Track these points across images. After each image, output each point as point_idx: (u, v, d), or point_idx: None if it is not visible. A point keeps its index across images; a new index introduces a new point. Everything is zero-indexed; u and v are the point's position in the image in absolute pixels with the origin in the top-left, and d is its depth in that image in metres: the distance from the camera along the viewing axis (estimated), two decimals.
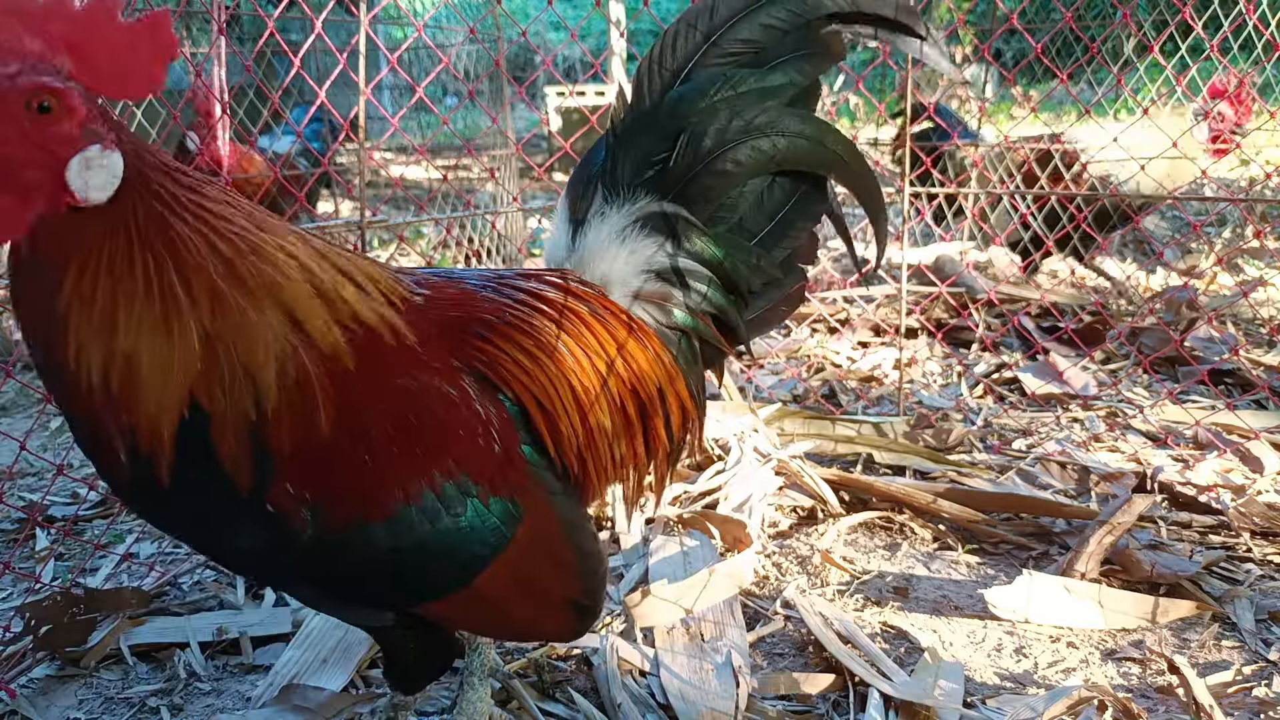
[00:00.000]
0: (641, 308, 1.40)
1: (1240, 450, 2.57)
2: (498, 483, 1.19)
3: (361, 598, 1.21)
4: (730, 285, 1.43)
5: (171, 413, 1.03)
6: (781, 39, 1.34)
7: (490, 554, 1.19)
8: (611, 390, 1.33)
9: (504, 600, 1.25)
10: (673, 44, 1.34)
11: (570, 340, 1.30)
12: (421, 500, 1.13)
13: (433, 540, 1.14)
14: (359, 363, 1.11)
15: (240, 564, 1.25)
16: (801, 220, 1.45)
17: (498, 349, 1.24)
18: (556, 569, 1.29)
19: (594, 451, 1.32)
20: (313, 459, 1.07)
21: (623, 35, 9.05)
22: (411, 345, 1.17)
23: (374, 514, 1.11)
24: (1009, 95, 8.72)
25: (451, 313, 1.24)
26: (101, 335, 1.00)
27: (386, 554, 1.13)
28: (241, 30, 6.42)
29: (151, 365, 1.01)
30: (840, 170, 1.44)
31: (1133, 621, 1.89)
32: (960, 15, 7.53)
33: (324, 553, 1.11)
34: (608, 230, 1.38)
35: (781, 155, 1.37)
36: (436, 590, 1.20)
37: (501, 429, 1.21)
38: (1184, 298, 3.84)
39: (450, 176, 3.66)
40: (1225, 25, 3.07)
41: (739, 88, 1.33)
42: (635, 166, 1.36)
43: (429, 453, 1.14)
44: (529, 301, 1.31)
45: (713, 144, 1.34)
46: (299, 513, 1.07)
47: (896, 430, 2.71)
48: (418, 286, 1.25)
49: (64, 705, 1.69)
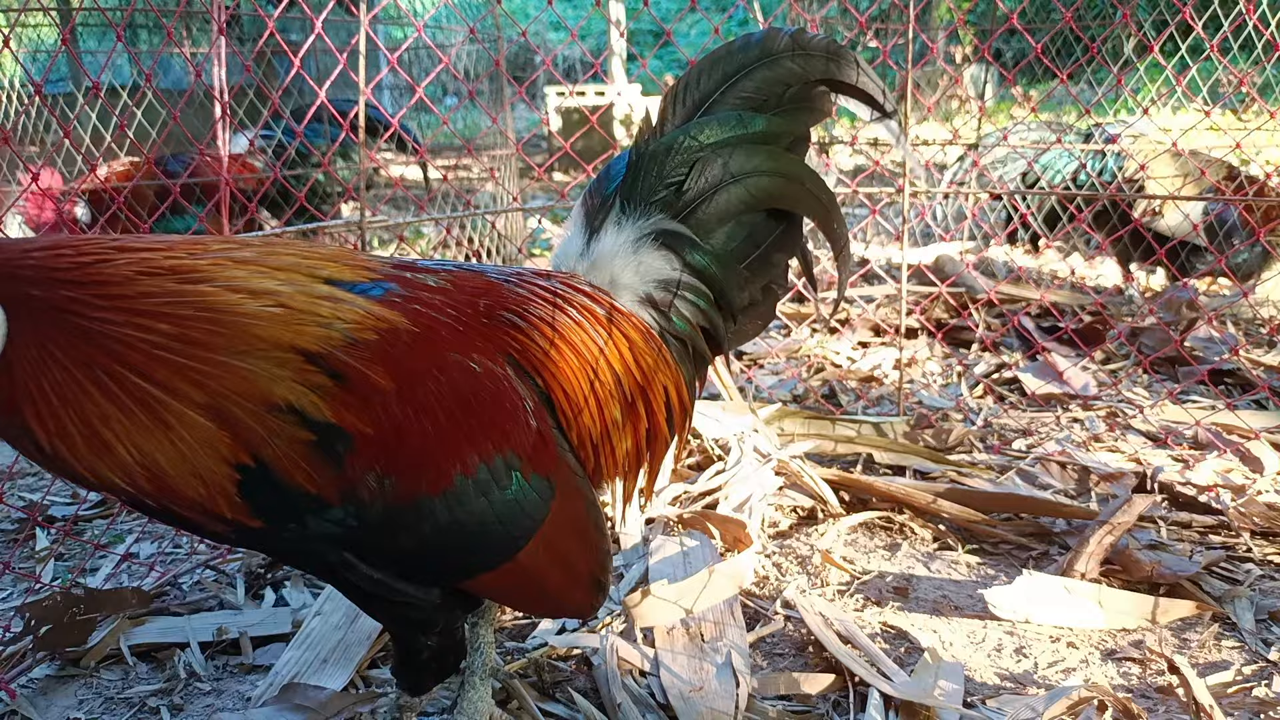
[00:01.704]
0: (646, 311, 1.48)
1: (1240, 450, 2.57)
2: (536, 460, 1.25)
3: (420, 574, 1.25)
4: (721, 301, 1.54)
5: (226, 483, 1.04)
6: (784, 92, 1.50)
7: (534, 527, 1.25)
8: (624, 387, 1.41)
9: (543, 572, 1.31)
10: (697, 79, 1.49)
11: (589, 337, 1.37)
12: (476, 473, 1.18)
13: (486, 513, 1.20)
14: (408, 341, 1.14)
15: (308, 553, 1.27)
16: (780, 253, 1.59)
17: (527, 338, 1.30)
18: (583, 545, 1.36)
19: (608, 443, 1.40)
20: (383, 431, 1.10)
21: (623, 35, 9.05)
22: (452, 324, 1.21)
23: (435, 485, 1.15)
24: (1009, 95, 8.73)
25: (481, 301, 1.29)
26: (102, 457, 1.00)
27: (447, 526, 1.17)
28: (241, 30, 6.42)
29: (173, 460, 1.01)
30: (819, 213, 1.58)
31: (1133, 621, 1.89)
32: (960, 15, 7.54)
33: (392, 528, 1.15)
34: (623, 240, 1.47)
35: (775, 195, 1.51)
36: (488, 562, 1.25)
37: (536, 410, 1.27)
38: (1184, 298, 3.84)
39: (450, 176, 3.66)
40: (1225, 25, 3.07)
41: (750, 127, 1.47)
42: (652, 186, 1.47)
43: (482, 426, 1.19)
44: (549, 299, 1.37)
45: (720, 176, 1.47)
46: (370, 484, 1.10)
47: (896, 430, 2.71)
48: (442, 275, 1.29)
49: (64, 705, 1.69)
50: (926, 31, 7.85)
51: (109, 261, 1.01)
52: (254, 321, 1.06)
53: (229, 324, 1.04)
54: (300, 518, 1.11)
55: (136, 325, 1.00)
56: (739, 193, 1.48)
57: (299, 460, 1.06)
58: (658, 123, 1.50)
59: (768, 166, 1.49)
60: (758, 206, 1.51)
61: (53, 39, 4.55)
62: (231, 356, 1.03)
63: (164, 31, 5.45)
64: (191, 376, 1.01)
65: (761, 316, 1.65)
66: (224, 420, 1.02)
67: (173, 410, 1.01)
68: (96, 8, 4.11)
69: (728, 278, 1.51)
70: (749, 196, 1.49)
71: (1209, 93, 4.38)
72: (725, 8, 14.94)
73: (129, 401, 0.99)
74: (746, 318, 1.61)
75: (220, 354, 1.03)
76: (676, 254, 1.47)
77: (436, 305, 1.22)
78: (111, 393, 0.98)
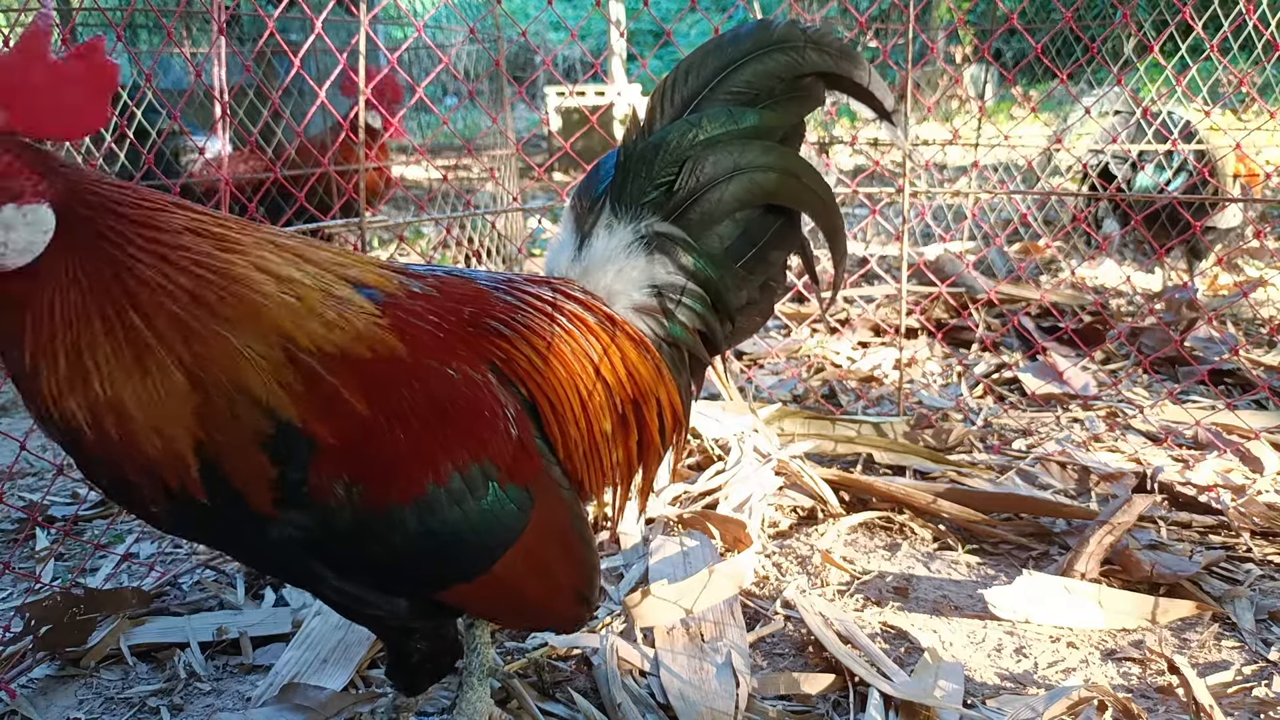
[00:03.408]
0: (640, 319, 1.45)
1: (1240, 450, 2.57)
2: (514, 470, 1.23)
3: (393, 585, 1.23)
4: (717, 303, 1.50)
5: (187, 447, 1.03)
6: (775, 85, 1.45)
7: (512, 538, 1.23)
8: (615, 399, 1.38)
9: (521, 585, 1.29)
10: (685, 75, 1.44)
11: (579, 347, 1.35)
12: (449, 481, 1.16)
13: (460, 523, 1.18)
14: (388, 348, 1.13)
15: (276, 562, 1.27)
16: (777, 250, 1.55)
17: (513, 347, 1.28)
18: (566, 557, 1.34)
19: (596, 455, 1.37)
20: (352, 441, 1.09)
21: (623, 35, 9.05)
22: (433, 330, 1.19)
23: (406, 494, 1.14)
24: (1009, 95, 8.72)
25: (467, 308, 1.27)
26: (75, 386, 1.00)
27: (419, 537, 1.16)
28: (241, 30, 6.42)
29: (140, 406, 1.02)
30: (815, 207, 1.54)
31: (1133, 621, 1.89)
32: (960, 15, 7.54)
33: (361, 537, 1.13)
34: (614, 244, 1.44)
35: (769, 190, 1.47)
36: (463, 573, 1.23)
37: (518, 419, 1.24)
38: (1184, 298, 3.84)
39: (450, 176, 3.66)
40: (1225, 25, 3.07)
41: (740, 123, 1.43)
42: (642, 187, 1.43)
43: (457, 434, 1.17)
44: (539, 306, 1.35)
45: (712, 174, 1.42)
46: (338, 492, 1.09)
47: (896, 430, 2.71)
48: (429, 282, 1.27)
49: (64, 705, 1.69)
50: (926, 31, 7.84)
51: (164, 212, 1.06)
52: (264, 302, 1.07)
53: (242, 297, 1.06)
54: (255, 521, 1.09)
55: (161, 272, 1.03)
56: (732, 190, 1.44)
57: (247, 454, 1.05)
58: (646, 121, 1.45)
59: (761, 161, 1.45)
60: (752, 203, 1.47)
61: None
62: (228, 328, 1.05)
63: (164, 31, 5.45)
64: (185, 333, 1.03)
65: (760, 314, 1.61)
66: (197, 385, 1.03)
67: (156, 359, 1.02)
68: (96, 8, 4.11)
69: (724, 279, 1.48)
70: (742, 193, 1.45)
71: (1209, 93, 4.38)
72: (725, 8, 14.94)
73: (122, 338, 1.01)
74: (745, 316, 1.58)
75: (220, 323, 1.04)
76: (670, 258, 1.44)
77: (418, 311, 1.20)
78: (111, 325, 1.00)
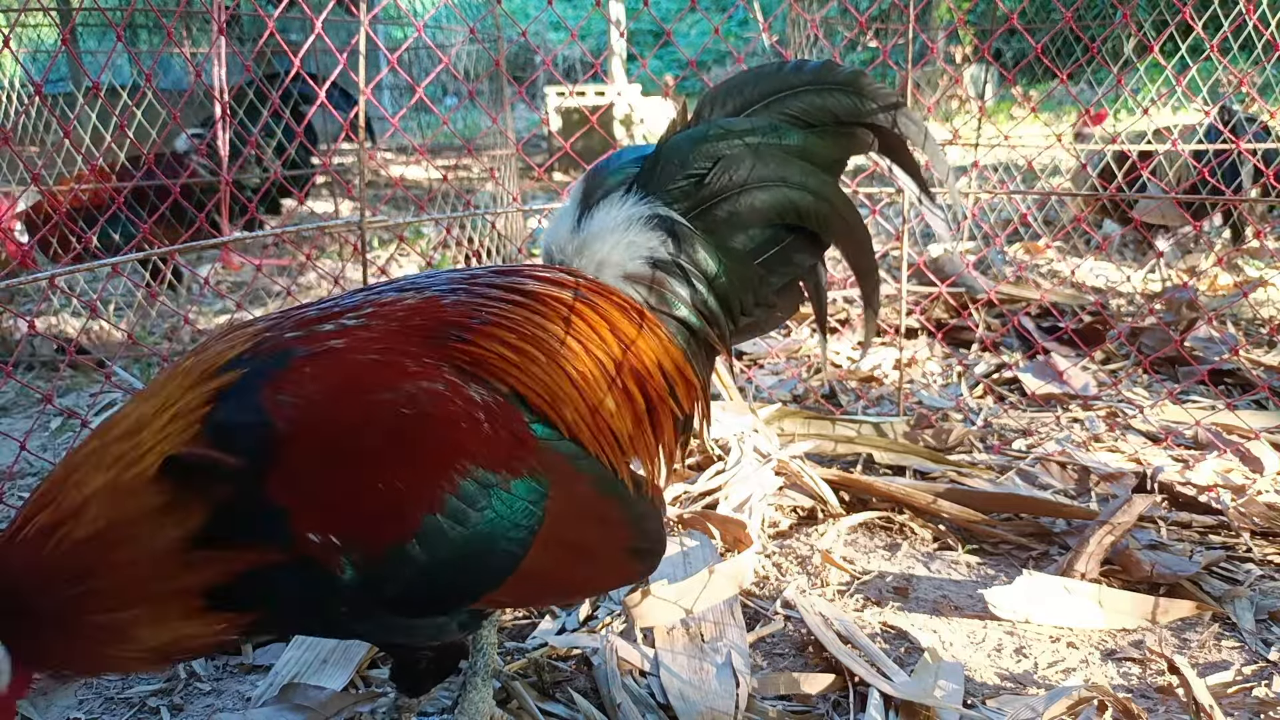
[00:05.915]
0: (632, 287, 1.42)
1: (1240, 450, 2.57)
2: (515, 466, 1.19)
3: (418, 611, 1.22)
4: (724, 297, 1.48)
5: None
6: (829, 120, 1.48)
7: (529, 535, 1.19)
8: (610, 371, 1.33)
9: (559, 569, 1.27)
10: (739, 87, 1.48)
11: (558, 328, 1.30)
12: (444, 507, 1.13)
13: (469, 540, 1.15)
14: (318, 402, 1.11)
15: (308, 626, 1.30)
16: (800, 255, 1.53)
17: (480, 348, 1.22)
18: (603, 526, 1.31)
19: (606, 430, 1.33)
20: (320, 502, 1.08)
21: (623, 35, 9.06)
22: (371, 361, 1.15)
23: (404, 533, 1.11)
24: (1009, 95, 8.73)
25: (413, 321, 1.22)
26: None
27: (430, 567, 1.13)
28: (241, 30, 6.42)
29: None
30: (845, 242, 1.55)
31: (1133, 621, 1.89)
32: (960, 15, 7.54)
33: (372, 584, 1.11)
34: (618, 216, 1.42)
35: (801, 210, 1.47)
36: (489, 583, 1.21)
37: (502, 413, 1.20)
38: (1184, 298, 3.84)
39: (450, 176, 3.66)
40: (1225, 25, 3.07)
41: (787, 139, 1.46)
42: (672, 174, 1.43)
43: (435, 455, 1.13)
44: (505, 297, 1.30)
45: (745, 177, 1.43)
46: (333, 558, 1.08)
47: (896, 430, 2.71)
48: (364, 312, 1.23)
49: (64, 705, 1.69)
50: (926, 31, 7.85)
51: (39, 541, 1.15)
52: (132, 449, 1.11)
53: None
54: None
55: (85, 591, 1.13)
56: (764, 198, 1.44)
57: None
58: (693, 117, 1.46)
59: (799, 180, 1.45)
60: (781, 218, 1.47)
61: (53, 39, 4.55)
62: None
63: (164, 31, 5.45)
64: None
65: (781, 308, 1.59)
66: None
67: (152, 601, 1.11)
68: (96, 8, 4.11)
69: (735, 275, 1.46)
70: (774, 204, 1.45)
71: (1209, 93, 4.37)
72: (725, 8, 14.95)
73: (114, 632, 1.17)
74: (760, 313, 1.55)
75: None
76: (675, 238, 1.41)
77: (342, 350, 1.15)
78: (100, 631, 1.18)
